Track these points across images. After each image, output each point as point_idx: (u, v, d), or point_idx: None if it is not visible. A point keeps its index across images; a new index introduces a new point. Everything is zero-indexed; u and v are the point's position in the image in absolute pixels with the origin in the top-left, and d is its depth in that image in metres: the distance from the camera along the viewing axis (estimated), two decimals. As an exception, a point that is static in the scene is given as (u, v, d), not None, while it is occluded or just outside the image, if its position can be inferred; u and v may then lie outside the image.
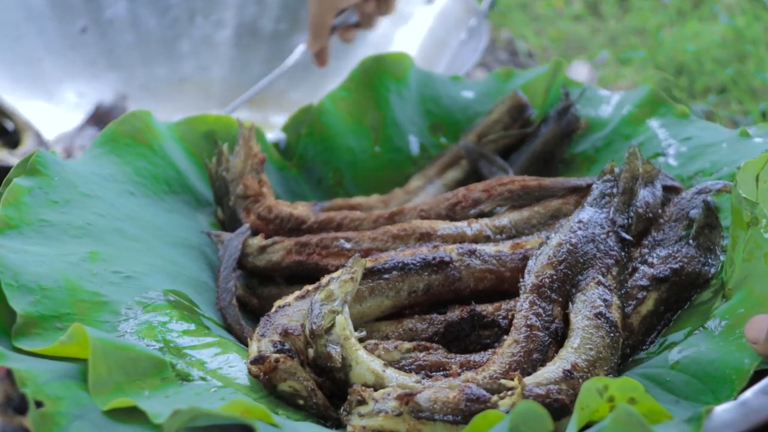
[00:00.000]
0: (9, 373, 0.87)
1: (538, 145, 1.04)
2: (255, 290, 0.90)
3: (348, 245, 0.86)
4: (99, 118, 1.35)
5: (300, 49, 1.27)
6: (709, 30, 1.61)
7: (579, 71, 1.53)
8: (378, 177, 1.07)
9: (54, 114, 1.38)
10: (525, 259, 0.79)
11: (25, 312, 0.69)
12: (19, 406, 0.86)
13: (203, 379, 0.69)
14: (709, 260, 0.80)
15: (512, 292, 0.79)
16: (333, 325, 0.70)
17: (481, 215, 0.90)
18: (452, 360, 0.72)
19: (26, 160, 0.83)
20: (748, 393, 0.63)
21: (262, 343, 0.71)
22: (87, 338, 0.64)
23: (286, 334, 0.72)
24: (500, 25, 1.75)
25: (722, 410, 0.61)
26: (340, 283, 0.73)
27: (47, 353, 0.66)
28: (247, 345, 0.78)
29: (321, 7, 1.18)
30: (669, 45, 1.60)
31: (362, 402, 0.65)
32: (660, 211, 0.85)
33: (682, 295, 0.78)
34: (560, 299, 0.73)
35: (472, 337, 0.76)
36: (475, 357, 0.72)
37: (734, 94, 1.43)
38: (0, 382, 0.86)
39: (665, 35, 1.65)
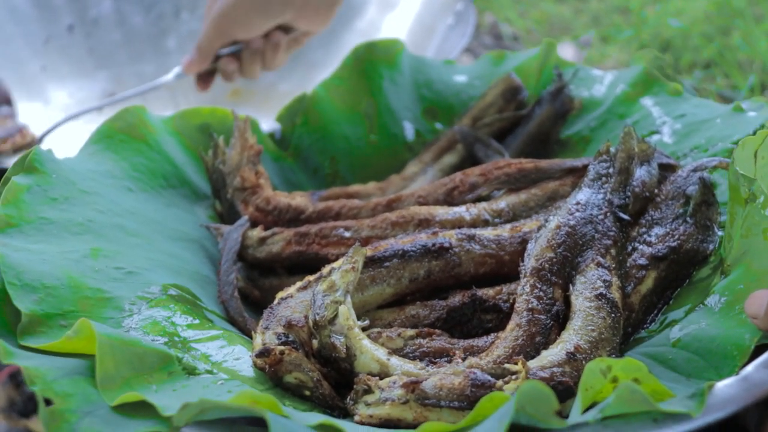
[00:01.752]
0: (11, 377, 0.87)
1: (533, 126, 1.04)
2: (256, 282, 0.90)
3: (347, 234, 0.87)
4: None
5: (176, 71, 1.20)
6: (692, 5, 1.61)
7: (565, 52, 1.54)
8: (374, 164, 1.08)
9: (44, 115, 1.38)
10: (524, 242, 0.80)
11: (30, 311, 0.69)
12: (23, 409, 0.87)
13: (209, 372, 0.69)
14: (707, 237, 0.80)
15: (512, 276, 0.79)
16: (336, 316, 0.71)
17: (479, 199, 0.91)
18: (455, 345, 0.72)
19: (24, 158, 0.83)
20: (750, 367, 0.64)
21: (266, 336, 0.72)
22: (93, 333, 0.64)
23: (289, 325, 0.72)
24: (484, 9, 1.75)
25: (724, 385, 0.62)
26: (341, 273, 0.73)
27: (54, 349, 0.66)
28: (250, 336, 0.78)
29: (212, 32, 1.12)
30: (653, 22, 1.59)
31: (368, 391, 0.66)
32: (656, 189, 0.85)
33: (681, 273, 0.79)
34: (560, 281, 0.74)
35: (474, 322, 0.77)
36: (478, 342, 0.73)
37: (720, 68, 1.43)
38: (2, 386, 0.87)
39: (649, 13, 1.65)
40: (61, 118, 1.27)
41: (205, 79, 1.19)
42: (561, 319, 0.72)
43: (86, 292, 0.73)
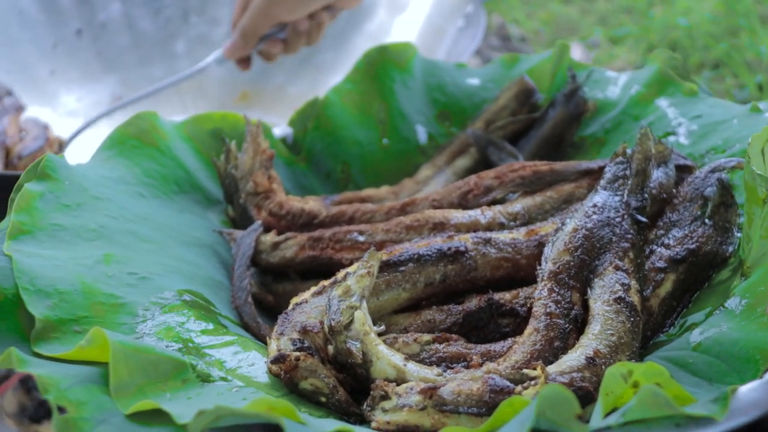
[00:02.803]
0: (22, 382, 0.87)
1: (547, 129, 1.04)
2: (270, 287, 0.89)
3: (361, 238, 0.86)
4: None
5: (215, 55, 1.21)
6: (699, 6, 1.60)
7: (573, 53, 1.53)
8: (386, 168, 1.07)
9: (53, 120, 1.38)
10: (540, 245, 0.79)
11: (44, 316, 0.69)
12: (34, 414, 0.86)
13: (224, 379, 0.68)
14: (726, 239, 0.79)
15: (529, 280, 0.78)
16: (352, 321, 0.70)
17: (494, 202, 0.90)
18: (472, 351, 0.71)
19: (36, 165, 0.83)
20: (774, 371, 0.63)
21: (281, 342, 0.71)
22: (107, 342, 0.63)
23: (305, 331, 0.71)
24: (492, 10, 1.74)
25: (748, 389, 0.61)
26: (357, 278, 0.72)
27: (68, 358, 0.65)
28: (264, 342, 0.77)
29: (258, 16, 1.12)
30: (660, 22, 1.59)
31: (385, 397, 0.65)
32: (674, 191, 0.84)
33: (700, 276, 0.78)
34: (578, 285, 0.73)
35: (490, 326, 0.76)
36: (495, 347, 0.72)
37: (729, 68, 1.42)
38: (13, 391, 0.86)
39: (656, 13, 1.64)
40: (86, 119, 1.27)
41: (245, 60, 1.19)
42: (579, 324, 0.71)
43: (99, 297, 0.73)
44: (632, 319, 0.70)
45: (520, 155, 1.01)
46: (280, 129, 1.07)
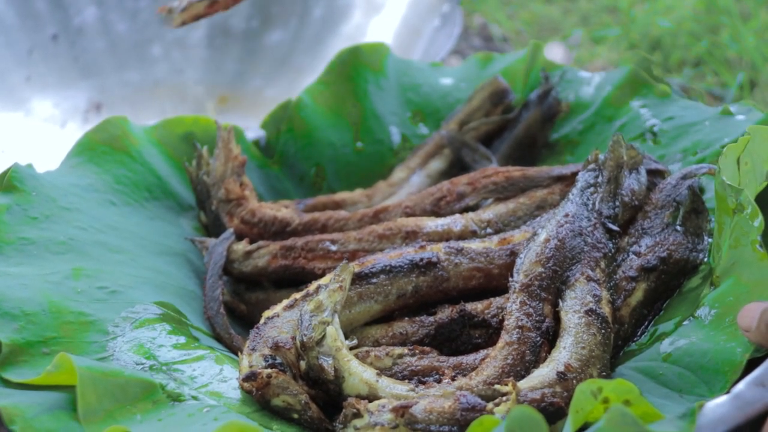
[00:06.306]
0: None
1: (521, 130, 1.03)
2: (242, 296, 0.89)
3: (334, 247, 0.85)
4: None
5: None
6: (680, 4, 1.60)
7: (554, 53, 1.52)
8: (360, 170, 1.06)
9: (28, 127, 1.36)
10: (513, 254, 0.79)
11: (11, 340, 0.68)
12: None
13: (195, 398, 0.68)
14: (697, 246, 0.80)
15: (501, 289, 0.78)
16: (324, 337, 0.69)
17: (467, 209, 0.90)
18: (445, 364, 0.71)
19: (2, 177, 0.82)
20: (741, 385, 0.63)
21: (253, 358, 0.71)
22: (74, 367, 0.63)
23: (276, 347, 0.71)
24: (472, 11, 1.73)
25: (715, 405, 0.61)
26: (328, 292, 0.72)
27: (35, 384, 0.65)
28: (237, 354, 0.77)
29: None
30: (642, 21, 1.59)
31: (357, 415, 0.65)
32: (646, 197, 0.84)
33: (671, 284, 0.78)
34: (550, 297, 0.73)
35: (463, 338, 0.76)
36: (467, 359, 0.72)
37: (710, 66, 1.43)
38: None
39: (637, 11, 1.64)
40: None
41: None
42: (551, 336, 0.71)
43: (68, 316, 0.72)
44: (603, 331, 0.70)
45: (493, 157, 1.01)
46: (253, 132, 1.06)
